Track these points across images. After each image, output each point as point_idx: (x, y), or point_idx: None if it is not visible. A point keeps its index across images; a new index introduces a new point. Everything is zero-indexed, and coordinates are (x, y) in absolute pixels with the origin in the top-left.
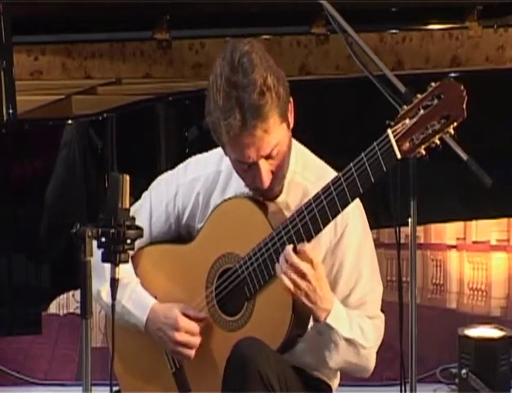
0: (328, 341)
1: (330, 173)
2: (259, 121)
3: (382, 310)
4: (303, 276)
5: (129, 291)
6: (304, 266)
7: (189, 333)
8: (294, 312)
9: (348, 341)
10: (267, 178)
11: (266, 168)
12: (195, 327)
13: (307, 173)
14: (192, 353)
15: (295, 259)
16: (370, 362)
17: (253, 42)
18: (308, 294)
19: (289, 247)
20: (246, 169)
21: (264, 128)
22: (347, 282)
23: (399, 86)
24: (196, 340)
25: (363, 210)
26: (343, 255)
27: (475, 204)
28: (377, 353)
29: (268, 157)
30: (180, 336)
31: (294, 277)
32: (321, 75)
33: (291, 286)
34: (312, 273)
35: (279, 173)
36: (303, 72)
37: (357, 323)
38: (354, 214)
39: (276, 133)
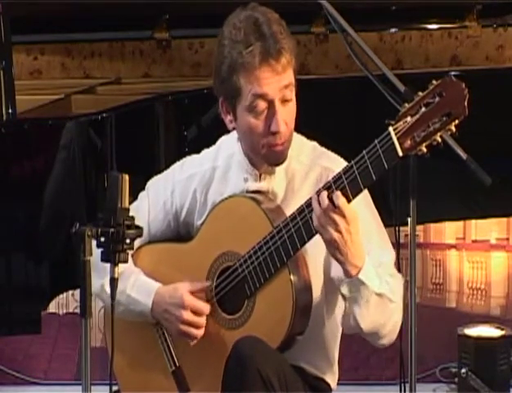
0: (359, 299)
1: (326, 156)
2: (282, 49)
3: None
4: (335, 226)
5: (132, 280)
6: (337, 216)
7: (195, 312)
8: (294, 310)
9: (379, 295)
10: (282, 122)
11: (282, 112)
12: (201, 304)
13: (303, 158)
14: (200, 333)
15: (329, 207)
16: (397, 320)
17: None
18: (340, 246)
19: (325, 194)
20: (261, 112)
21: (286, 57)
22: None
23: (398, 85)
24: (203, 319)
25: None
26: None
27: (475, 203)
28: (377, 352)
29: (284, 101)
30: (187, 315)
31: (328, 226)
32: (321, 75)
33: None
34: (345, 225)
35: (289, 131)
36: (302, 71)
37: (384, 278)
38: None
39: (291, 72)
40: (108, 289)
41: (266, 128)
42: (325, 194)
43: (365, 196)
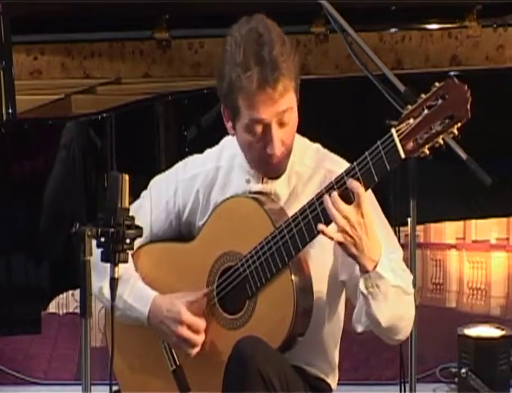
0: (377, 293)
1: (329, 158)
2: (280, 75)
3: None
4: (349, 222)
5: (130, 285)
6: (350, 212)
7: (192, 329)
8: (295, 311)
9: (396, 287)
10: (278, 144)
11: (278, 134)
12: (198, 322)
13: (307, 160)
14: (194, 351)
15: (341, 204)
16: (412, 310)
17: None
18: (356, 242)
19: (335, 193)
20: (258, 134)
21: (284, 83)
22: None
23: (398, 85)
24: (200, 338)
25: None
26: None
27: (475, 203)
28: (377, 352)
29: (281, 124)
30: (183, 331)
31: (343, 223)
32: (321, 75)
33: (339, 237)
34: (357, 219)
35: (288, 146)
36: (302, 71)
37: (397, 272)
38: None
39: (291, 95)
40: (106, 293)
41: (262, 148)
42: (335, 194)
43: (369, 195)
